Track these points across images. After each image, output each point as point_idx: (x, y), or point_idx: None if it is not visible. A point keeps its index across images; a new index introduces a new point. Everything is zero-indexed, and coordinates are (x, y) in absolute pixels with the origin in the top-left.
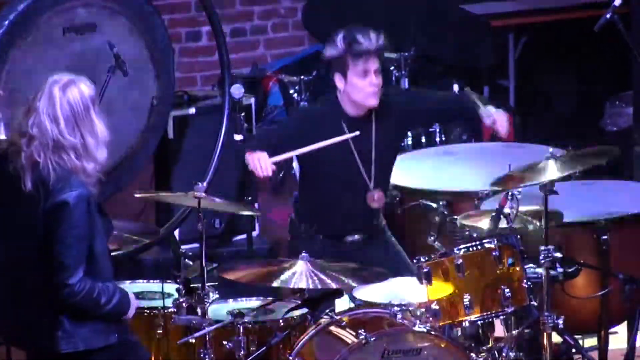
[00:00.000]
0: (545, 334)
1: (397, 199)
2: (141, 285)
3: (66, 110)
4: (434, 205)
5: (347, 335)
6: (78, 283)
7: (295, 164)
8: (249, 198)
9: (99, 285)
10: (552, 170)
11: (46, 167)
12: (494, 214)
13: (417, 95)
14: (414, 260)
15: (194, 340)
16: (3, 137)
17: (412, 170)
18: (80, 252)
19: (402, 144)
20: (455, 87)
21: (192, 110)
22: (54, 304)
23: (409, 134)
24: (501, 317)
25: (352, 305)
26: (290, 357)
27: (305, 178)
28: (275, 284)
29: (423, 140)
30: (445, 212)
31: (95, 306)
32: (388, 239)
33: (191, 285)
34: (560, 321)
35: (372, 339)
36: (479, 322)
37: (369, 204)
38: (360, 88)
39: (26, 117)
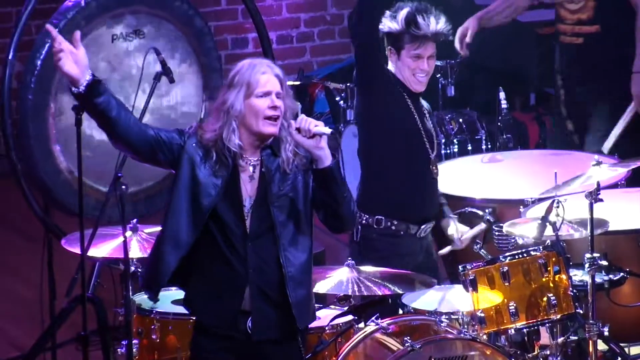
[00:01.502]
0: (590, 341)
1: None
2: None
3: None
4: (480, 212)
5: (393, 343)
6: None
7: None
8: None
9: None
10: (598, 178)
11: None
12: (539, 221)
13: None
14: (460, 268)
15: None
16: (56, 145)
17: (458, 178)
18: None
19: (448, 151)
20: (502, 95)
21: None
22: None
23: (455, 140)
24: (547, 324)
25: (400, 311)
26: None
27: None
28: (322, 290)
29: (469, 147)
30: (491, 220)
31: None
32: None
33: None
34: (606, 329)
35: (417, 347)
36: (524, 330)
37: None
38: (410, 70)
39: None
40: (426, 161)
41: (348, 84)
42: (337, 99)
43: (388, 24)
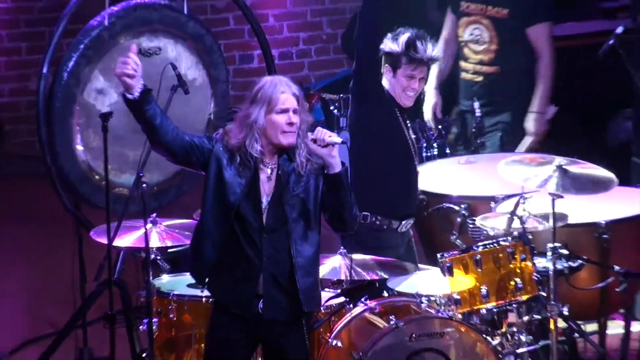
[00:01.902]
0: (552, 320)
1: (424, 202)
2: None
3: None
4: (456, 207)
5: (380, 321)
6: None
7: None
8: None
9: None
10: (559, 178)
11: None
12: (508, 215)
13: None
14: (439, 256)
15: None
16: (80, 147)
17: (437, 177)
18: None
19: (429, 154)
20: (476, 104)
21: None
22: None
23: (435, 144)
24: (514, 305)
25: (386, 294)
26: (330, 339)
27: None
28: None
29: (447, 150)
30: (466, 214)
31: None
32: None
33: None
34: (565, 309)
35: (401, 324)
36: (494, 310)
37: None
38: (402, 87)
39: None
40: (409, 166)
41: (341, 95)
42: (332, 108)
43: (389, 45)
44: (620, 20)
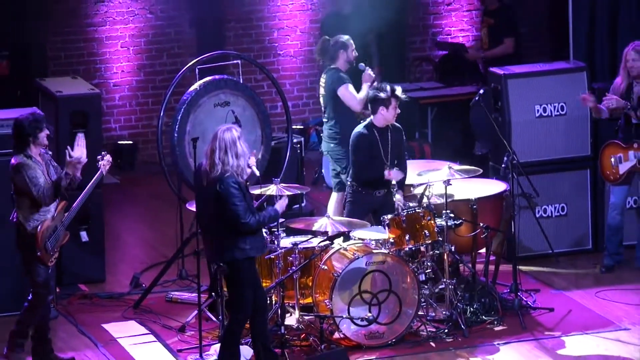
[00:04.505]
0: (445, 253)
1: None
2: None
3: (223, 142)
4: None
5: (348, 254)
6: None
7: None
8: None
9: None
10: (449, 173)
11: (214, 171)
12: (420, 194)
13: (403, 142)
14: (381, 218)
15: (273, 256)
16: (190, 157)
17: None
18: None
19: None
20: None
21: (272, 143)
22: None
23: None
24: (424, 245)
25: (352, 240)
26: (320, 265)
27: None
28: (314, 229)
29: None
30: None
31: (261, 225)
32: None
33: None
34: (453, 247)
35: (361, 256)
36: (413, 248)
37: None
38: (392, 114)
39: (208, 149)
40: (381, 165)
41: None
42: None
43: (381, 94)
44: (483, 85)
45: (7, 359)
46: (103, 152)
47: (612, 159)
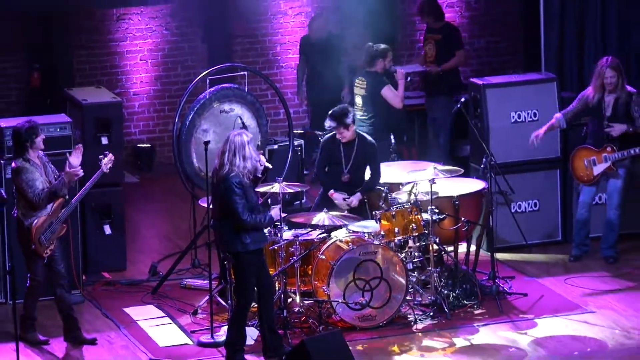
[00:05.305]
0: (430, 245)
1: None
2: None
3: (233, 144)
4: (382, 188)
5: (344, 246)
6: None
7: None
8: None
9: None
10: (434, 173)
11: (222, 170)
12: (408, 192)
13: (373, 155)
14: (373, 213)
15: (276, 247)
16: (195, 159)
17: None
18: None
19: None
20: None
21: (275, 146)
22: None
23: (392, 156)
24: (412, 237)
25: (348, 232)
26: (319, 255)
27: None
28: (313, 222)
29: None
30: (387, 191)
31: (257, 225)
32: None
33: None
34: (437, 239)
35: (355, 247)
36: (402, 240)
37: (342, 180)
38: (346, 135)
39: (220, 151)
40: (338, 175)
41: (320, 132)
42: (320, 139)
43: (348, 119)
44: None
45: (22, 339)
46: (105, 152)
47: (586, 162)
